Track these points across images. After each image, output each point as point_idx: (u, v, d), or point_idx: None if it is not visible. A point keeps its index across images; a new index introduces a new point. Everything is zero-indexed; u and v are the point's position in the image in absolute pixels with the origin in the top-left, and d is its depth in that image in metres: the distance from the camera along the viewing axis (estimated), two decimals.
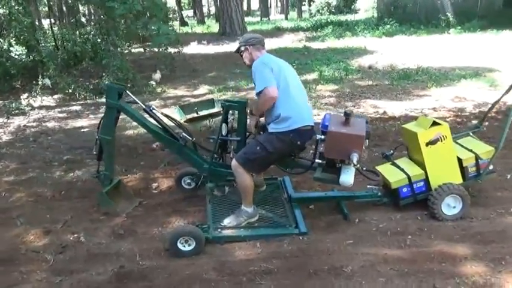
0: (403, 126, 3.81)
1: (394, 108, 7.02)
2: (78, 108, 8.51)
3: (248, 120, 3.53)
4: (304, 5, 35.70)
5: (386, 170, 3.74)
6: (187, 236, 3.16)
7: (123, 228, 3.65)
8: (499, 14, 17.33)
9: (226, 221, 3.44)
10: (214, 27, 22.91)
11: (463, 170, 3.59)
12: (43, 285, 2.96)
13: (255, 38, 3.51)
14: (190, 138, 3.65)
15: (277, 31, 20.52)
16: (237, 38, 17.58)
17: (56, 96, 9.33)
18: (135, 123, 6.48)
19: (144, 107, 3.65)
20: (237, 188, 3.50)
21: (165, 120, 3.85)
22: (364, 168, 3.46)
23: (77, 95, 9.19)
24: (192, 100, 8.35)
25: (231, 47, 15.75)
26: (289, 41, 16.81)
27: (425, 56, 11.57)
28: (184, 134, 3.63)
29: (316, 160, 3.30)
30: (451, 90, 8.07)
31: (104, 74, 9.63)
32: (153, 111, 3.69)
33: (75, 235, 3.59)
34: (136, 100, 3.69)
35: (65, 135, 6.75)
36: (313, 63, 11.44)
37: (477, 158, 3.59)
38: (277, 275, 2.91)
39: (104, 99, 8.84)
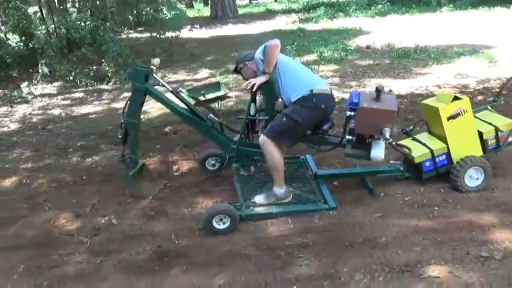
0: (423, 102, 3.90)
1: (399, 86, 7.10)
2: (80, 95, 8.45)
3: (259, 79, 3.40)
4: None
5: (408, 145, 3.82)
6: (222, 214, 3.22)
7: (153, 210, 3.70)
8: None
9: (257, 199, 3.51)
10: (204, 10, 22.65)
11: (483, 142, 3.69)
12: (84, 266, 3.01)
13: (250, 53, 3.59)
14: (217, 119, 3.69)
15: (269, 13, 20.35)
16: (229, 21, 17.48)
17: (56, 84, 9.23)
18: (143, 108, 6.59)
19: (171, 89, 3.67)
20: (266, 167, 3.56)
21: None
22: (394, 143, 3.54)
23: (78, 82, 9.11)
24: (195, 84, 8.34)
25: (225, 30, 15.66)
26: (282, 23, 16.71)
27: (421, 34, 11.58)
28: (211, 115, 3.67)
29: (347, 137, 3.36)
30: (452, 68, 8.17)
31: (103, 60, 9.54)
32: (180, 93, 3.72)
33: (106, 218, 3.64)
34: (164, 83, 3.71)
35: (73, 122, 6.73)
36: (311, 44, 11.41)
37: (497, 130, 3.70)
38: (314, 248, 2.99)
39: (105, 86, 8.97)
